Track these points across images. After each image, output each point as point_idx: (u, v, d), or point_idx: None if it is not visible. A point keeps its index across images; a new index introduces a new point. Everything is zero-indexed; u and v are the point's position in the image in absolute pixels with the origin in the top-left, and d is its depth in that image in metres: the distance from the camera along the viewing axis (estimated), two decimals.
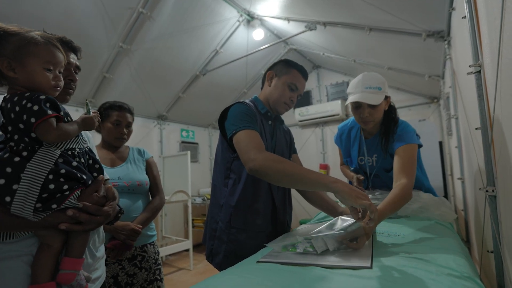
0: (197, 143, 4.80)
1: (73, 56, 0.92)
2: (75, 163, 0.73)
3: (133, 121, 1.56)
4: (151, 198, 1.56)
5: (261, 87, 1.34)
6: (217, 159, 1.28)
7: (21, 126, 0.68)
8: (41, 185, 0.66)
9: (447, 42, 2.06)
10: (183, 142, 4.55)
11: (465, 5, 1.02)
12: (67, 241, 0.73)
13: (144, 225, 1.39)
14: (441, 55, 2.40)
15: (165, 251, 3.29)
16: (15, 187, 0.64)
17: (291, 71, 1.25)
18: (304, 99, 4.66)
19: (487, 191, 0.90)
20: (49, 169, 0.67)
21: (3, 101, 0.70)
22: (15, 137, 0.68)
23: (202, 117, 4.70)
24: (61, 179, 0.69)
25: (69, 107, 0.80)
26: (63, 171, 0.69)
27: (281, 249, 0.91)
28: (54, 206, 0.67)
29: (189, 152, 3.86)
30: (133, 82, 3.30)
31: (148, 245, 1.47)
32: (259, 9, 3.06)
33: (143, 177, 1.50)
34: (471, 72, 0.95)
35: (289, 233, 1.16)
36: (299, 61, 1.31)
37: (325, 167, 4.36)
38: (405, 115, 3.75)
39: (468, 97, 1.33)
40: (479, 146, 1.01)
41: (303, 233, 1.03)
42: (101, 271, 0.89)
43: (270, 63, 1.40)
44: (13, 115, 0.68)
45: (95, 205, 0.75)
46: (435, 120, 3.58)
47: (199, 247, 4.40)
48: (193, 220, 4.18)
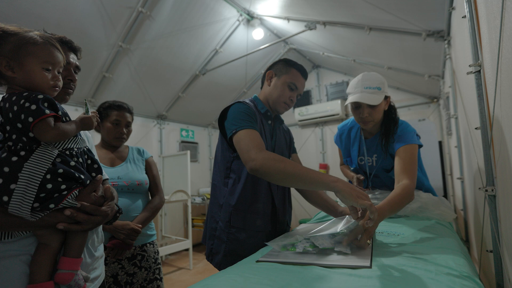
0: (196, 143, 4.80)
1: (73, 56, 0.92)
2: (73, 163, 0.73)
3: (133, 120, 1.56)
4: (150, 197, 1.57)
5: (261, 87, 1.34)
6: (217, 159, 1.28)
7: (19, 125, 0.67)
8: (38, 184, 0.66)
9: (447, 41, 2.06)
10: (182, 141, 4.55)
11: (465, 4, 1.01)
12: (65, 240, 0.73)
13: (143, 225, 1.39)
14: (441, 54, 2.40)
15: (165, 250, 3.28)
16: (12, 186, 0.64)
17: (290, 70, 1.24)
18: (303, 99, 4.66)
19: (486, 191, 0.90)
20: (46, 169, 0.67)
21: (2, 101, 0.70)
22: (13, 137, 0.68)
23: (201, 116, 4.69)
24: (59, 179, 0.69)
25: (68, 107, 0.80)
26: (61, 170, 0.69)
27: (280, 249, 0.91)
28: (51, 205, 0.67)
29: (188, 151, 3.87)
30: (132, 81, 3.30)
31: (147, 245, 1.47)
32: (259, 9, 3.05)
33: (143, 177, 1.50)
34: (471, 71, 0.95)
35: (289, 232, 1.16)
36: (298, 61, 1.30)
37: (324, 167, 4.36)
38: (405, 115, 3.75)
39: (467, 96, 1.33)
40: (479, 145, 1.00)
41: (303, 232, 1.03)
42: (100, 271, 0.89)
43: (269, 63, 1.40)
44: (11, 115, 0.68)
45: (93, 205, 0.75)
46: (434, 119, 3.58)
47: (198, 247, 4.41)
48: (192, 219, 4.19)
